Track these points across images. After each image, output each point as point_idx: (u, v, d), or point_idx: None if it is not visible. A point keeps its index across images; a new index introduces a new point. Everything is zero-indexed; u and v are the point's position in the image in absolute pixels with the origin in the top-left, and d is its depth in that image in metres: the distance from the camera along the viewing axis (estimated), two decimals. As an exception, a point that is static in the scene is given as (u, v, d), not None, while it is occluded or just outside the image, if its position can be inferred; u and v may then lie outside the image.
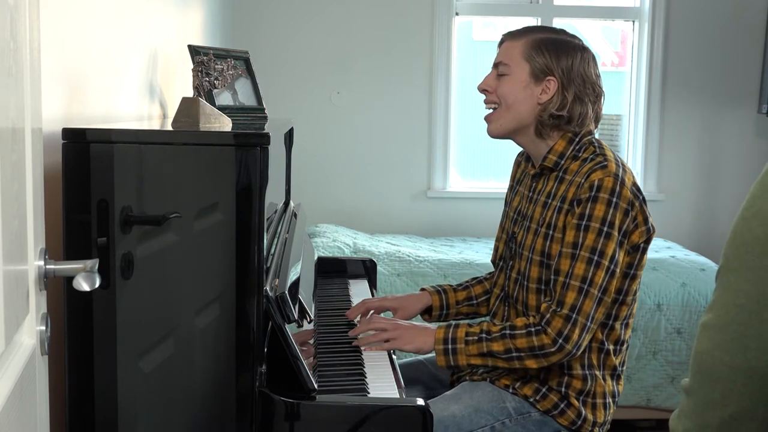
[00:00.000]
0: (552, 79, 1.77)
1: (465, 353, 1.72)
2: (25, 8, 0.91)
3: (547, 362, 1.70)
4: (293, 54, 4.13)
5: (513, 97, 1.79)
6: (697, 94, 4.23)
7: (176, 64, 2.44)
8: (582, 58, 1.79)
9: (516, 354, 1.70)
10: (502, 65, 1.82)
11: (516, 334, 1.70)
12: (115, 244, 1.28)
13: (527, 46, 1.79)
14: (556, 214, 1.75)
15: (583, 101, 1.79)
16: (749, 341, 0.89)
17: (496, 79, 1.83)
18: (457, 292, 2.05)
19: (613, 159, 1.75)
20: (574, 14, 4.36)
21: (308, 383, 1.40)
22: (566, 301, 1.68)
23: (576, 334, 1.67)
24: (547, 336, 1.68)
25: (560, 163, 1.79)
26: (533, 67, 1.78)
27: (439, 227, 4.20)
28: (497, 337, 1.71)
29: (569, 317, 1.67)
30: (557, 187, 1.78)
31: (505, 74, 1.81)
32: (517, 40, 1.82)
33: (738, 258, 0.90)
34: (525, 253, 1.81)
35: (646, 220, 1.73)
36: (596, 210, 1.68)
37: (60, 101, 1.43)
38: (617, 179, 1.69)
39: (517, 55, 1.80)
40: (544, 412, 1.78)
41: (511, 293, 1.86)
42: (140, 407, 1.33)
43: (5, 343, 0.82)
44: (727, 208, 4.26)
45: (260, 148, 1.32)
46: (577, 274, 1.68)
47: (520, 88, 1.79)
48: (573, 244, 1.69)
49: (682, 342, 3.17)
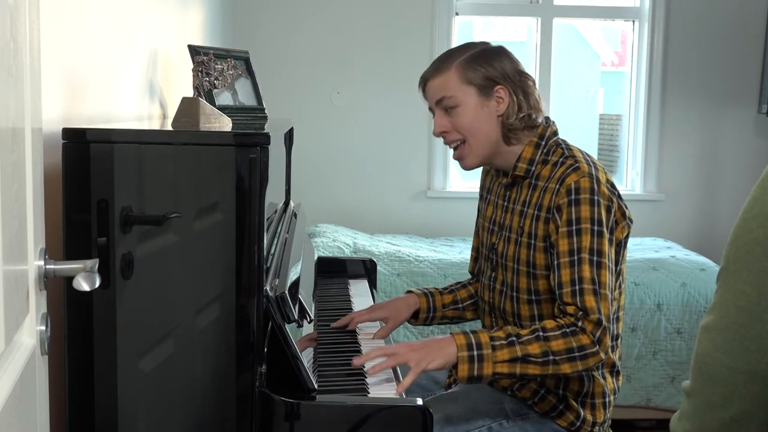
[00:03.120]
0: (500, 87, 1.73)
1: (492, 359, 1.58)
2: (25, 8, 0.91)
3: (582, 366, 1.60)
4: (293, 54, 4.13)
5: (477, 124, 1.74)
6: (697, 94, 4.23)
7: (176, 64, 2.44)
8: (505, 57, 1.77)
9: (552, 357, 1.58)
10: (446, 99, 1.74)
11: (550, 336, 1.60)
12: (115, 244, 1.28)
13: (459, 71, 1.74)
14: (535, 223, 1.72)
15: (528, 93, 1.76)
16: (750, 343, 0.89)
17: (446, 117, 1.76)
18: (443, 295, 2.02)
19: (583, 159, 1.72)
20: (574, 14, 4.37)
21: (308, 383, 1.40)
22: (589, 307, 1.61)
23: (606, 339, 1.61)
24: (587, 336, 1.60)
25: (531, 169, 1.76)
26: (478, 86, 1.73)
27: (439, 227, 4.20)
28: (530, 339, 1.59)
29: (600, 321, 1.60)
30: (531, 194, 1.75)
31: (454, 106, 1.74)
32: (444, 71, 1.75)
33: (738, 260, 0.90)
34: (510, 264, 1.78)
35: (624, 215, 1.72)
36: (582, 212, 1.65)
37: (60, 101, 1.43)
38: (592, 178, 1.67)
39: (455, 83, 1.74)
40: (542, 414, 1.78)
41: (498, 305, 1.83)
42: (140, 407, 1.33)
43: (5, 343, 0.82)
44: (727, 208, 4.26)
45: (260, 148, 1.32)
46: (585, 278, 1.63)
47: (478, 111, 1.74)
48: (569, 251, 1.65)
49: (682, 342, 3.17)
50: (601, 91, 5.61)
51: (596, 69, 6.00)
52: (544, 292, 1.73)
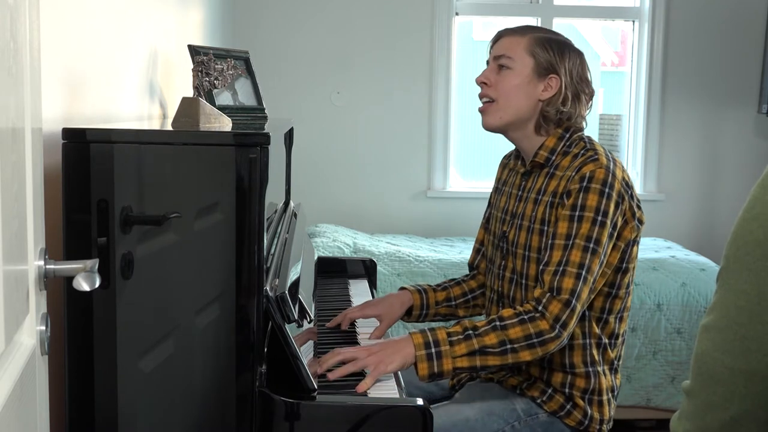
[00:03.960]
0: (555, 76, 1.78)
1: (450, 355, 1.60)
2: (25, 8, 0.91)
3: (542, 351, 1.63)
4: (293, 54, 4.13)
5: (515, 91, 1.78)
6: (697, 94, 4.23)
7: (176, 64, 2.44)
8: (581, 60, 1.82)
9: (510, 346, 1.61)
10: (504, 58, 1.79)
11: (507, 325, 1.63)
12: (115, 244, 1.28)
13: (531, 42, 1.79)
14: (549, 209, 1.74)
15: (580, 100, 1.81)
16: (750, 343, 0.89)
17: (496, 73, 1.81)
18: (437, 292, 2.02)
19: (603, 153, 1.75)
20: (574, 14, 4.37)
21: (308, 383, 1.40)
22: (564, 287, 1.64)
23: (572, 321, 1.64)
24: (545, 321, 1.62)
25: (551, 158, 1.79)
26: (537, 63, 1.78)
27: (439, 227, 4.20)
28: (487, 330, 1.63)
29: (569, 302, 1.63)
30: (547, 182, 1.77)
31: (508, 67, 1.79)
32: (519, 35, 1.81)
33: (738, 260, 0.90)
34: (520, 251, 1.79)
35: (634, 215, 1.73)
36: (589, 200, 1.67)
37: (60, 101, 1.43)
38: (608, 171, 1.70)
39: (521, 50, 1.79)
40: (551, 413, 1.78)
41: (507, 293, 1.84)
42: (140, 407, 1.33)
43: (5, 343, 0.82)
44: (727, 208, 4.26)
45: (260, 148, 1.32)
46: (573, 261, 1.65)
47: (524, 82, 1.78)
48: (566, 235, 1.67)
49: (682, 342, 3.17)
50: (601, 91, 5.62)
51: (596, 69, 6.00)
52: None
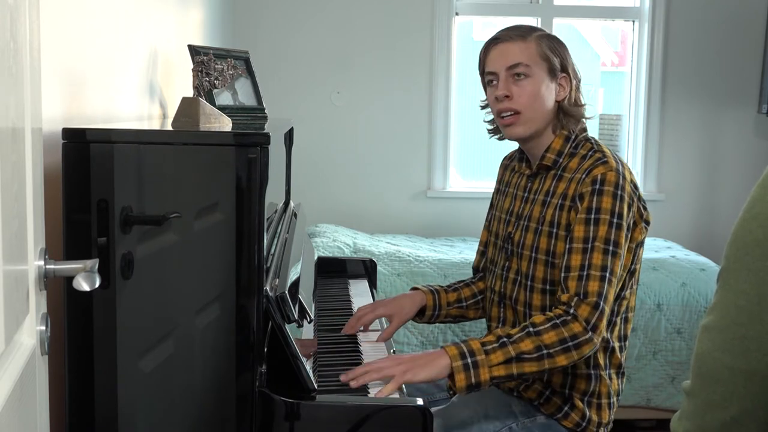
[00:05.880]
0: (565, 75, 1.79)
1: (487, 364, 1.57)
2: (25, 8, 0.91)
3: (578, 355, 1.60)
4: (293, 54, 4.13)
5: (539, 99, 1.76)
6: (697, 94, 4.23)
7: (176, 64, 2.44)
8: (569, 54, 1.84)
9: (546, 351, 1.58)
10: (522, 66, 1.76)
11: (541, 330, 1.60)
12: (115, 244, 1.28)
13: (540, 44, 1.78)
14: (559, 212, 1.74)
15: (579, 93, 1.84)
16: (750, 343, 0.89)
17: (513, 83, 1.77)
18: (448, 293, 2.02)
19: (611, 156, 1.76)
20: (574, 14, 4.37)
21: (308, 383, 1.40)
22: (590, 290, 1.62)
23: (602, 324, 1.61)
24: (578, 323, 1.60)
25: (558, 161, 1.79)
26: (551, 66, 1.78)
27: (439, 227, 4.20)
28: (522, 337, 1.59)
29: (597, 305, 1.61)
30: (556, 184, 1.77)
31: (526, 75, 1.76)
32: (522, 41, 1.78)
33: (738, 260, 0.90)
34: (526, 252, 1.79)
35: (642, 216, 1.75)
36: (603, 203, 1.67)
37: (60, 101, 1.43)
38: (619, 174, 1.70)
39: (534, 55, 1.77)
40: (548, 416, 1.78)
41: (510, 295, 1.84)
42: (140, 407, 1.33)
43: (5, 343, 0.82)
44: (727, 208, 4.26)
45: (260, 148, 1.32)
46: (596, 264, 1.64)
47: (543, 87, 1.77)
48: (584, 239, 1.66)
49: (682, 342, 3.17)
50: (601, 91, 5.62)
51: (596, 69, 6.00)
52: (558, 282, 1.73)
